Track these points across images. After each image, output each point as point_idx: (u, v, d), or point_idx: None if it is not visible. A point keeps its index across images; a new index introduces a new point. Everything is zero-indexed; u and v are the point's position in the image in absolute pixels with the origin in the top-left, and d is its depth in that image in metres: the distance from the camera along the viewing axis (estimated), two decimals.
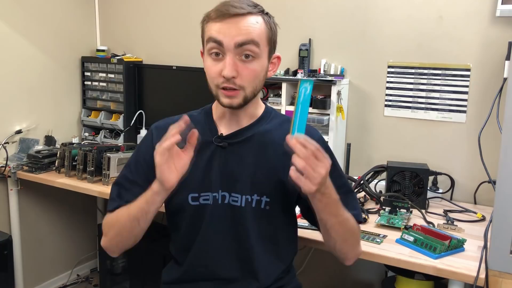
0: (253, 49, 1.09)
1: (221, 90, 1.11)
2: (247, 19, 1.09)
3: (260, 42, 1.10)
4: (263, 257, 1.20)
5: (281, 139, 1.17)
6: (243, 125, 1.20)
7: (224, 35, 1.07)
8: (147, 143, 1.23)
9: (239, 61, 1.09)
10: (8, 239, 2.19)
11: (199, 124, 1.21)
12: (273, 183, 1.17)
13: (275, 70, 1.21)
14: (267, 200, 1.17)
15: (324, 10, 2.14)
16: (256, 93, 1.15)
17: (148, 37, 2.67)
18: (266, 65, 1.16)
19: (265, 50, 1.13)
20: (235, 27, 1.07)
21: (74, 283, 2.77)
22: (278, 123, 1.23)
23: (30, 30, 2.43)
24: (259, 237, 1.18)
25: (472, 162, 1.89)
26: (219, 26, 1.08)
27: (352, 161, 2.05)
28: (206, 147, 1.18)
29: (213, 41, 1.08)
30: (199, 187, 1.18)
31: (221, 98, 1.12)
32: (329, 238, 1.16)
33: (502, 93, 1.73)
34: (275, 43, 1.18)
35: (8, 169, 2.25)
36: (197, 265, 1.21)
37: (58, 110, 2.63)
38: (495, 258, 1.24)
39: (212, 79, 1.12)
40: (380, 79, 2.06)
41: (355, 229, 1.20)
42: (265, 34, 1.12)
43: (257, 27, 1.10)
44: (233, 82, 1.09)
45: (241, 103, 1.12)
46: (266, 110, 1.24)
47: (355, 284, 2.27)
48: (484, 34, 1.84)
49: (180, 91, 2.44)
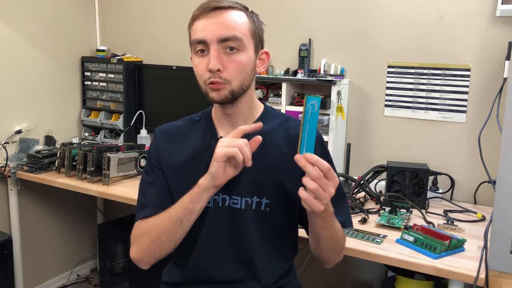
0: (236, 42, 1.09)
1: (208, 86, 1.11)
2: (229, 13, 1.10)
3: (243, 35, 1.10)
4: (264, 259, 1.20)
5: (280, 140, 1.19)
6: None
7: (207, 31, 1.08)
8: (153, 147, 1.26)
9: (223, 54, 1.09)
10: (8, 239, 2.19)
11: (200, 128, 1.24)
12: (272, 185, 1.17)
13: (265, 66, 1.21)
14: (267, 202, 1.17)
15: (324, 10, 2.14)
16: (244, 87, 1.14)
17: (148, 37, 2.67)
18: (253, 59, 1.15)
19: (250, 43, 1.13)
20: (216, 21, 1.09)
21: (74, 283, 2.78)
22: (277, 124, 1.22)
23: (30, 30, 2.44)
24: (259, 239, 1.19)
25: (472, 162, 1.89)
26: (202, 22, 1.10)
27: (352, 161, 2.05)
28: (206, 150, 1.19)
29: (197, 42, 1.10)
30: None
31: (209, 94, 1.12)
32: (317, 247, 1.18)
33: (502, 93, 1.73)
34: (261, 38, 1.18)
35: (8, 169, 2.25)
36: (198, 268, 1.21)
37: (58, 110, 2.63)
38: (495, 258, 1.24)
39: (200, 76, 1.12)
40: (380, 79, 2.06)
41: (343, 239, 1.22)
42: (248, 27, 1.12)
43: (239, 20, 1.11)
44: (219, 76, 1.09)
45: (229, 97, 1.11)
46: (265, 111, 1.23)
47: (355, 284, 2.27)
48: (484, 34, 1.84)
49: (180, 91, 2.44)
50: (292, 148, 1.15)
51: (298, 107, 2.04)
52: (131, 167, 2.11)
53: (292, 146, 1.16)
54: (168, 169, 1.22)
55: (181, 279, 1.24)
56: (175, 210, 1.11)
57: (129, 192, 1.91)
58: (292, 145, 1.17)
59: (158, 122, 1.40)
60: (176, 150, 1.23)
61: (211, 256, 1.20)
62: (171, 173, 1.22)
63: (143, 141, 2.48)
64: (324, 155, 1.20)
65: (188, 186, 1.13)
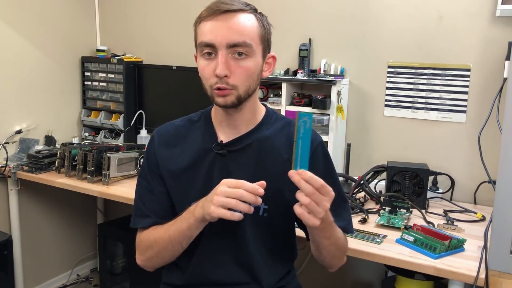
0: (245, 48, 1.07)
1: (215, 90, 1.09)
2: (239, 16, 1.07)
3: (252, 40, 1.08)
4: (263, 263, 1.20)
5: (280, 146, 1.18)
6: (242, 132, 1.18)
7: (215, 35, 1.06)
8: (150, 150, 1.24)
9: (231, 59, 1.07)
10: (8, 239, 2.19)
11: (199, 131, 1.22)
12: (271, 191, 1.14)
13: (271, 70, 1.19)
14: (265, 208, 1.17)
15: (324, 10, 2.14)
16: (250, 92, 1.12)
17: (148, 37, 2.67)
18: (261, 64, 1.13)
19: (259, 48, 1.11)
20: (226, 25, 1.06)
21: (74, 283, 2.78)
22: (279, 128, 1.21)
23: (30, 30, 2.43)
24: (258, 244, 1.19)
25: (472, 162, 1.89)
26: (210, 24, 1.07)
27: (352, 161, 2.05)
28: (206, 155, 1.18)
29: (205, 44, 1.07)
30: (201, 195, 1.16)
31: (215, 99, 1.11)
32: (319, 254, 1.19)
33: (502, 93, 1.73)
34: (269, 42, 1.16)
35: (8, 169, 2.25)
36: (199, 272, 1.21)
37: (58, 110, 2.63)
38: (495, 258, 1.24)
39: (206, 80, 1.10)
40: (380, 79, 2.06)
41: (345, 244, 1.22)
42: (258, 32, 1.10)
43: (248, 24, 1.08)
44: (226, 82, 1.07)
45: (235, 102, 1.10)
46: (266, 115, 1.22)
47: (355, 284, 2.27)
48: (484, 34, 1.84)
49: (180, 91, 2.44)
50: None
51: (298, 107, 2.04)
52: (131, 167, 2.11)
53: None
54: (167, 174, 1.21)
55: (183, 282, 1.24)
56: (174, 233, 1.13)
57: (129, 192, 1.91)
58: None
59: (158, 122, 1.39)
60: (175, 155, 1.21)
61: (212, 260, 1.19)
62: (170, 179, 1.21)
63: (143, 141, 2.48)
64: (325, 161, 1.21)
65: (188, 191, 1.15)
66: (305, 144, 0.95)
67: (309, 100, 2.04)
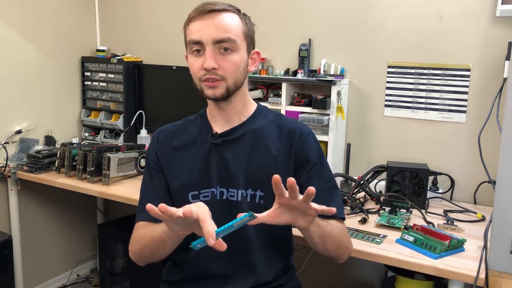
0: (230, 43, 1.15)
1: (204, 82, 1.17)
2: (223, 15, 1.16)
3: (237, 36, 1.16)
4: (261, 252, 1.23)
5: (272, 134, 1.25)
6: (235, 123, 1.25)
7: (202, 33, 1.14)
8: (151, 149, 1.31)
9: (218, 54, 1.15)
10: (8, 239, 2.19)
11: (196, 126, 1.30)
12: (266, 177, 1.17)
13: (256, 65, 1.27)
14: (261, 194, 1.21)
15: (324, 10, 2.14)
16: (238, 85, 1.19)
17: (148, 37, 2.67)
18: (246, 59, 1.21)
19: (243, 44, 1.19)
20: (212, 24, 1.14)
21: (74, 283, 2.78)
22: (270, 120, 1.28)
23: (30, 30, 2.43)
24: (256, 232, 1.22)
25: (472, 162, 1.89)
26: (197, 24, 1.16)
27: (352, 161, 2.05)
28: (202, 145, 1.25)
29: (193, 42, 1.16)
30: (199, 184, 1.23)
31: (205, 91, 1.18)
32: (323, 250, 1.20)
33: (502, 93, 1.73)
34: (253, 39, 1.24)
35: (8, 169, 2.25)
36: (197, 264, 1.24)
37: (58, 110, 2.63)
38: (495, 258, 1.24)
39: (195, 74, 1.18)
40: (380, 79, 2.06)
41: (342, 234, 1.23)
42: (241, 29, 1.19)
43: (232, 22, 1.17)
44: (214, 73, 1.15)
45: (224, 94, 1.17)
46: (258, 109, 1.29)
47: (355, 284, 2.27)
48: (484, 34, 1.84)
49: (180, 91, 2.44)
50: (285, 141, 1.23)
51: (298, 107, 2.04)
52: (131, 167, 2.11)
53: (285, 139, 1.23)
54: (167, 166, 1.27)
55: (182, 277, 1.28)
56: (156, 234, 1.14)
57: (129, 192, 1.91)
58: (284, 138, 1.23)
59: (158, 122, 1.42)
60: (174, 147, 1.28)
61: (210, 251, 1.20)
62: (170, 170, 1.27)
63: (143, 141, 2.48)
64: (317, 148, 1.26)
65: (186, 181, 1.21)
66: (233, 226, 0.96)
67: (309, 100, 2.04)
